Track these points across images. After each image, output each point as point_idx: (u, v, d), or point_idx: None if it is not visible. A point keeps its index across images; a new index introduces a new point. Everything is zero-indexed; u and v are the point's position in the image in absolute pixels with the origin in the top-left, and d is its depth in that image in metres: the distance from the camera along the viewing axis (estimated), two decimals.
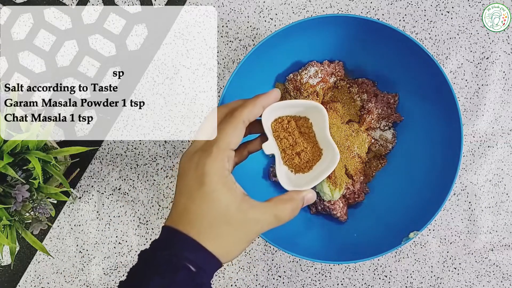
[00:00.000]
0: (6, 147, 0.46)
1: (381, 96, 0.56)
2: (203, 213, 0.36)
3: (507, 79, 0.61)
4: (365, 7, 0.61)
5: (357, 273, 0.60)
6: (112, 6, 0.61)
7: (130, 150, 0.61)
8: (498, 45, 0.61)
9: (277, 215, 0.37)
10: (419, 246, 0.60)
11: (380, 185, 0.57)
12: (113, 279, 0.60)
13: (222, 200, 0.36)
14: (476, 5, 0.61)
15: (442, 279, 0.60)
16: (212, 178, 0.36)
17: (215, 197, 0.36)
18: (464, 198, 0.60)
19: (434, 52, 0.61)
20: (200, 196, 0.36)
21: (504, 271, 0.60)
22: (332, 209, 0.55)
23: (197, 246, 0.35)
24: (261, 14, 0.61)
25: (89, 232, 0.60)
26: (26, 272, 0.60)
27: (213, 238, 0.36)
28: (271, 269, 0.60)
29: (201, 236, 0.35)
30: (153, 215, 0.60)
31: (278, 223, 0.38)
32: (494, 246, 0.60)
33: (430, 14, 0.61)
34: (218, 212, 0.36)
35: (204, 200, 0.36)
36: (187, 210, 0.36)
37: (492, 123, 0.60)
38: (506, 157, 0.60)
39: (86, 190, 0.60)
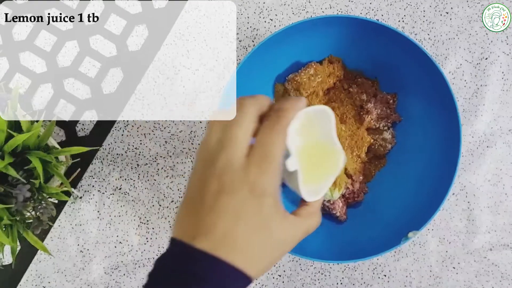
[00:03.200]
0: (7, 147, 0.47)
1: (380, 96, 0.56)
2: (252, 241, 0.31)
3: (506, 80, 0.61)
4: (364, 8, 0.61)
5: (357, 273, 0.60)
6: (112, 6, 0.61)
7: (131, 150, 0.61)
8: (497, 45, 0.61)
9: (307, 231, 0.35)
10: (418, 245, 0.60)
11: (380, 185, 0.57)
12: (114, 278, 0.60)
13: (277, 228, 0.32)
14: (475, 5, 0.61)
15: (441, 279, 0.60)
16: (269, 201, 0.31)
17: (271, 226, 0.32)
18: (463, 198, 0.60)
19: (433, 53, 0.61)
20: (256, 223, 0.31)
21: (503, 271, 0.60)
22: (332, 208, 0.55)
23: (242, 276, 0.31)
24: (261, 15, 0.61)
25: (90, 231, 0.60)
26: (27, 271, 0.60)
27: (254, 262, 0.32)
28: (271, 268, 0.60)
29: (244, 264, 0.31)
30: (154, 214, 0.60)
31: (307, 235, 0.35)
32: (493, 245, 0.60)
33: (429, 14, 0.61)
34: (271, 241, 0.32)
35: (258, 228, 0.31)
36: (234, 237, 0.31)
37: (491, 124, 0.61)
38: (505, 157, 0.60)
39: (87, 190, 0.61)
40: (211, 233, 0.31)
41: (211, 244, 0.30)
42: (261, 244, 0.32)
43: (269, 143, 0.31)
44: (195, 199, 0.32)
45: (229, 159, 0.31)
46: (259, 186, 0.31)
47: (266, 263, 0.33)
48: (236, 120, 0.32)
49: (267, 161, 0.31)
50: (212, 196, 0.31)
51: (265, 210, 0.31)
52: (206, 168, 0.32)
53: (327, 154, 0.39)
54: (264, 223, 0.32)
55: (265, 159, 0.31)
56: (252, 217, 0.31)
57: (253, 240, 0.31)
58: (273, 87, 0.58)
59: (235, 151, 0.31)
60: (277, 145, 0.31)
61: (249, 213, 0.31)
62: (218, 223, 0.31)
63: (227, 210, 0.31)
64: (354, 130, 0.56)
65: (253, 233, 0.31)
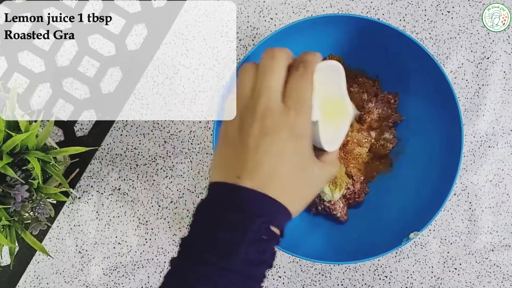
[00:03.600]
0: (5, 147, 0.46)
1: (382, 96, 0.56)
2: (293, 179, 0.34)
3: (508, 79, 0.60)
4: (365, 7, 0.61)
5: (357, 274, 0.60)
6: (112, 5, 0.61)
7: (130, 150, 0.61)
8: (498, 45, 0.60)
9: (330, 176, 0.39)
10: (419, 246, 0.60)
11: (381, 185, 0.57)
12: (113, 280, 0.60)
13: (312, 169, 0.36)
14: (477, 5, 0.61)
15: (443, 280, 0.60)
16: (306, 142, 0.35)
17: (308, 166, 0.35)
18: (464, 199, 0.60)
19: (434, 52, 0.61)
20: (296, 163, 0.34)
21: (505, 272, 0.60)
22: (333, 209, 0.55)
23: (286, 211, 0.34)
24: (261, 13, 0.61)
25: (88, 232, 0.60)
26: (26, 272, 0.60)
27: (294, 200, 0.35)
28: (271, 269, 0.60)
29: (286, 201, 0.34)
30: (153, 215, 0.60)
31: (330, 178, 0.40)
32: (495, 246, 0.60)
33: (430, 14, 0.61)
34: (307, 180, 0.35)
35: (298, 167, 0.34)
36: (278, 175, 0.34)
37: (492, 123, 0.60)
38: (506, 157, 0.60)
39: (85, 190, 0.60)
40: (256, 172, 0.33)
41: (257, 182, 0.33)
42: (300, 183, 0.35)
43: (303, 89, 0.34)
44: (236, 143, 0.35)
45: (269, 104, 0.34)
46: (298, 128, 0.34)
47: (302, 202, 0.36)
48: (271, 69, 0.35)
49: (303, 105, 0.34)
50: (256, 138, 0.34)
51: (303, 151, 0.35)
52: (246, 114, 0.35)
53: (339, 106, 0.41)
54: (303, 163, 0.35)
55: (302, 103, 0.34)
56: (293, 157, 0.34)
57: (294, 179, 0.34)
58: None
59: (273, 97, 0.34)
60: (309, 90, 0.35)
61: (290, 153, 0.34)
62: (263, 162, 0.33)
63: (271, 150, 0.33)
64: (355, 129, 0.56)
65: (294, 172, 0.34)
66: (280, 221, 0.34)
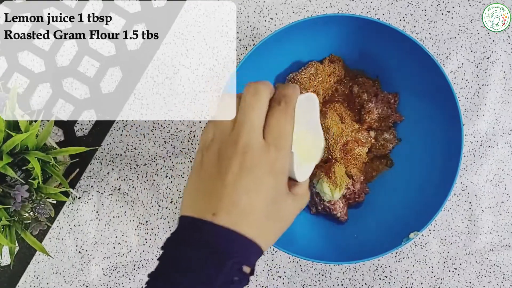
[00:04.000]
0: (5, 147, 0.46)
1: (382, 96, 0.56)
2: (267, 216, 0.34)
3: (508, 79, 0.60)
4: (365, 7, 0.61)
5: (357, 274, 0.60)
6: (112, 5, 0.61)
7: (130, 150, 0.61)
8: (498, 45, 0.60)
9: (301, 207, 0.38)
10: (419, 246, 0.60)
11: (381, 185, 0.57)
12: (113, 280, 0.60)
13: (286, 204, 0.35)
14: (477, 5, 0.61)
15: (443, 280, 0.60)
16: (283, 179, 0.35)
17: (282, 202, 0.35)
18: (464, 199, 0.60)
19: (434, 52, 0.61)
20: (272, 199, 0.34)
21: (505, 272, 0.60)
22: (333, 209, 0.55)
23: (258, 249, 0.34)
24: (261, 13, 0.61)
25: (88, 232, 0.60)
26: (26, 272, 0.60)
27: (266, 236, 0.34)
28: (271, 269, 0.60)
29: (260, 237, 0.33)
30: (153, 215, 0.60)
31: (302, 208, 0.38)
32: (495, 246, 0.60)
33: (430, 14, 0.61)
34: (280, 216, 0.35)
35: (273, 203, 0.34)
36: (254, 212, 0.33)
37: (492, 123, 0.60)
38: (506, 157, 0.60)
39: (85, 190, 0.60)
40: (233, 209, 0.32)
41: (233, 220, 0.32)
42: (274, 218, 0.34)
43: (284, 126, 0.34)
44: (213, 177, 0.34)
45: (249, 140, 0.33)
46: (278, 164, 0.34)
47: (274, 237, 0.36)
48: (253, 106, 0.34)
49: (284, 141, 0.34)
50: (235, 175, 0.33)
51: (280, 186, 0.34)
52: (226, 148, 0.34)
53: (312, 137, 0.41)
54: (278, 198, 0.34)
55: (282, 140, 0.34)
56: (270, 193, 0.34)
57: (269, 215, 0.34)
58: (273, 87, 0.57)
59: (254, 133, 0.34)
60: (290, 127, 0.35)
61: (268, 189, 0.34)
62: (240, 200, 0.33)
63: (249, 187, 0.33)
64: (355, 129, 0.56)
65: (269, 207, 0.34)
66: (252, 260, 0.33)
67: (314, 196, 0.55)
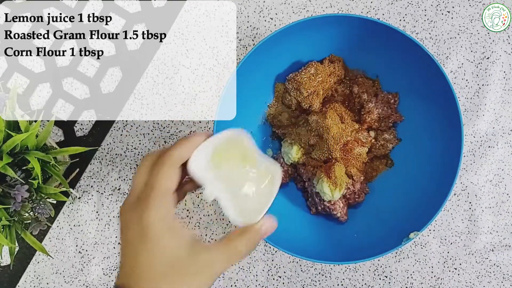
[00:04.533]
0: (5, 147, 0.46)
1: (382, 96, 0.56)
2: (153, 265, 0.34)
3: (508, 79, 0.60)
4: (365, 7, 0.61)
5: (357, 274, 0.60)
6: (112, 5, 0.61)
7: (130, 150, 0.61)
8: (498, 45, 0.60)
9: (232, 252, 0.36)
10: (419, 246, 0.60)
11: (381, 185, 0.57)
12: (113, 280, 0.60)
13: (170, 247, 0.34)
14: (477, 5, 0.61)
15: (443, 280, 0.60)
16: (156, 226, 0.34)
17: (162, 245, 0.34)
18: (464, 199, 0.60)
19: (434, 52, 0.61)
20: (147, 248, 0.34)
21: (505, 272, 0.60)
22: (332, 209, 0.55)
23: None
24: (261, 13, 0.61)
25: (88, 232, 0.60)
26: (26, 272, 0.60)
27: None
28: (271, 269, 0.60)
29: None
30: None
31: (236, 259, 0.36)
32: (495, 246, 0.60)
33: (430, 14, 0.61)
34: (168, 260, 0.34)
35: (151, 251, 0.34)
36: (136, 265, 0.34)
37: (492, 123, 0.60)
38: (506, 157, 0.60)
39: (85, 190, 0.60)
40: (122, 269, 0.35)
41: (124, 279, 0.34)
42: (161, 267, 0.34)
43: (151, 182, 0.35)
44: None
45: (125, 202, 0.36)
46: (145, 217, 0.34)
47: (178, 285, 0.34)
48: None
49: (150, 196, 0.35)
50: (122, 237, 0.36)
51: (153, 237, 0.34)
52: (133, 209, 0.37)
53: (253, 171, 0.39)
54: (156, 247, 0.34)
55: (149, 195, 0.35)
56: (143, 245, 0.34)
57: (154, 265, 0.34)
58: (273, 87, 0.57)
59: (130, 195, 0.36)
60: (158, 182, 0.35)
61: (143, 244, 0.34)
62: (124, 259, 0.35)
63: (127, 246, 0.35)
64: (355, 129, 0.55)
65: (148, 258, 0.34)
66: None
67: (314, 196, 0.55)
